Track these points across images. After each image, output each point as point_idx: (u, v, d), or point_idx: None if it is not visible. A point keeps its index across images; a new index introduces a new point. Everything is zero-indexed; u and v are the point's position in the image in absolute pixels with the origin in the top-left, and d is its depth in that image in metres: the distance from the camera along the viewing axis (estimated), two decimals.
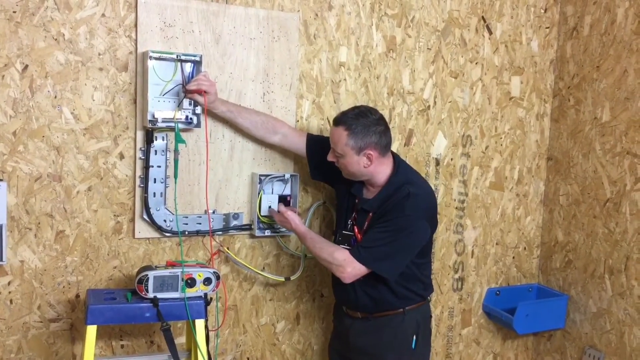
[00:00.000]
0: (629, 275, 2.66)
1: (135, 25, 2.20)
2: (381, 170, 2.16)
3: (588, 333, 2.87)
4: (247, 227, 2.45)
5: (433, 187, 2.80)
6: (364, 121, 2.09)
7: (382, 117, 2.15)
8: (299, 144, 2.36)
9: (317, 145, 2.35)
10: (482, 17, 2.83)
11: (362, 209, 2.20)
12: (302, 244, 2.33)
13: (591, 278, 2.85)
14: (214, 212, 2.39)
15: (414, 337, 2.24)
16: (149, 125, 2.17)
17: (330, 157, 2.19)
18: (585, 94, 2.88)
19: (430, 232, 2.19)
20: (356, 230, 2.22)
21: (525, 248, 3.11)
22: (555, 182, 3.05)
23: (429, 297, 2.34)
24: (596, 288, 2.82)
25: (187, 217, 2.34)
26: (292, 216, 2.28)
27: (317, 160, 2.35)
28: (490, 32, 2.86)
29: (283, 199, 2.44)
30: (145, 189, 2.25)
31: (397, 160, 2.22)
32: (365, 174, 2.16)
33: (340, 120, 2.12)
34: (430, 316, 2.40)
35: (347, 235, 2.25)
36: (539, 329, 3.03)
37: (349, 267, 2.09)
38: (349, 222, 2.26)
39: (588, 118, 2.86)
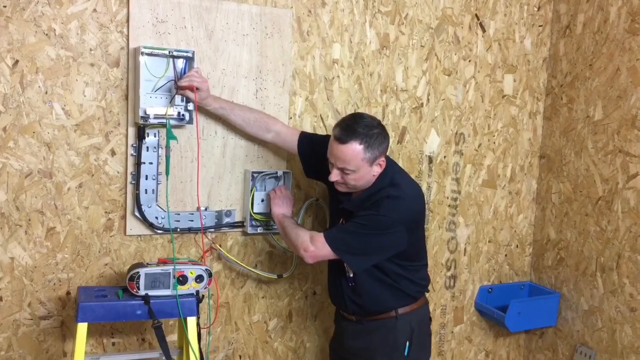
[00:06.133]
0: (620, 273, 2.67)
1: (127, 21, 2.18)
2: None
3: (580, 331, 2.88)
4: (240, 225, 2.44)
5: (426, 185, 2.81)
6: (374, 131, 2.01)
7: (378, 120, 2.10)
8: (292, 143, 2.34)
9: (310, 144, 2.33)
10: (476, 14, 2.83)
11: (346, 209, 2.15)
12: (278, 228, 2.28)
13: (583, 276, 2.86)
14: (206, 209, 2.38)
15: (407, 343, 2.18)
16: (141, 122, 2.16)
17: (334, 177, 2.06)
18: (577, 92, 2.88)
19: (409, 238, 2.08)
20: None
21: (517, 246, 3.12)
22: (547, 180, 3.05)
23: (426, 300, 2.29)
24: (588, 286, 2.83)
25: (179, 214, 2.33)
26: (273, 198, 2.29)
27: (309, 159, 2.34)
28: (484, 30, 2.86)
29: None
30: (136, 186, 2.23)
31: (387, 162, 2.14)
32: (370, 183, 2.09)
33: (351, 135, 1.99)
34: (430, 319, 2.33)
35: None
36: (531, 326, 3.04)
37: (313, 245, 2.06)
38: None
39: (580, 116, 2.87)
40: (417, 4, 2.69)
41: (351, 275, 2.17)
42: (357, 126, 2.00)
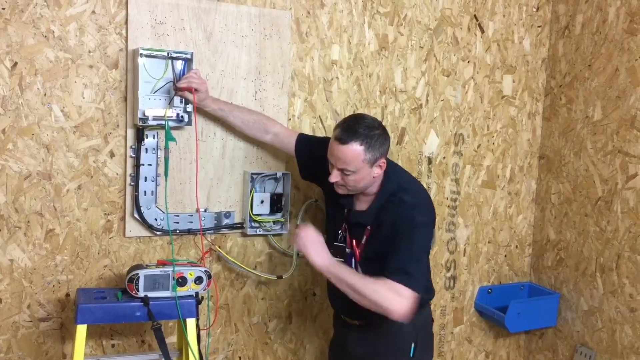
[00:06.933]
0: (620, 273, 2.67)
1: (126, 23, 2.18)
2: (377, 181, 2.07)
3: (579, 331, 2.88)
4: (239, 226, 2.44)
5: (425, 186, 2.80)
6: (375, 132, 1.98)
7: (379, 121, 2.06)
8: (290, 144, 2.32)
9: (307, 145, 2.30)
10: (475, 15, 2.83)
11: (358, 223, 2.09)
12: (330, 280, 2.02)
13: (582, 276, 2.86)
14: (205, 211, 2.38)
15: (413, 345, 2.15)
16: (140, 123, 2.16)
17: (334, 178, 2.02)
18: (576, 92, 2.88)
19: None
20: (354, 244, 2.11)
21: (517, 246, 3.12)
22: (547, 180, 3.05)
23: (429, 302, 2.26)
24: (587, 286, 2.83)
25: (178, 216, 2.33)
26: (304, 245, 1.99)
27: (306, 161, 2.31)
28: (483, 31, 2.86)
29: (275, 195, 2.44)
30: (135, 188, 2.23)
31: (388, 163, 2.11)
32: (370, 184, 2.05)
33: (352, 136, 1.95)
34: (432, 320, 2.31)
35: (340, 248, 2.15)
36: (530, 327, 3.03)
37: (405, 299, 1.88)
38: (339, 232, 2.16)
39: (580, 117, 2.87)
40: (415, 4, 2.69)
41: None
42: (358, 127, 1.98)
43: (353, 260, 2.13)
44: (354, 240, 2.12)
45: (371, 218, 2.07)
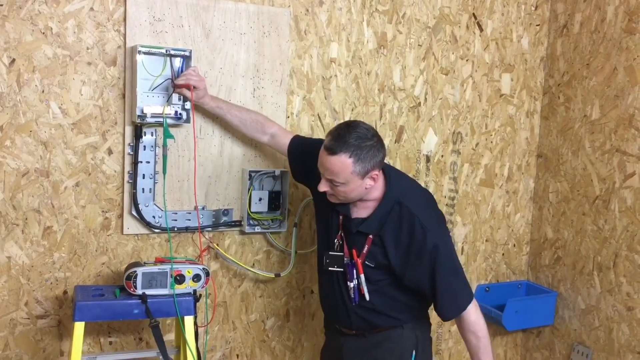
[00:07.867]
0: (617, 272, 2.68)
1: (124, 19, 2.18)
2: (377, 186, 2.00)
3: (577, 329, 2.89)
4: (237, 224, 2.44)
5: (423, 184, 2.81)
6: (367, 143, 1.89)
7: (375, 130, 1.96)
8: (285, 146, 2.27)
9: (299, 149, 2.25)
10: (473, 14, 2.83)
11: (359, 232, 2.02)
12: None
13: (580, 275, 2.86)
14: (203, 209, 2.38)
15: (414, 352, 2.08)
16: (138, 121, 2.16)
17: (324, 188, 1.96)
18: (575, 91, 2.88)
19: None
20: (354, 253, 2.03)
21: (514, 245, 3.12)
22: (544, 179, 3.06)
23: (429, 308, 2.20)
24: (585, 285, 2.84)
25: (176, 214, 2.33)
26: None
27: (297, 164, 2.27)
28: (481, 29, 2.86)
29: (274, 192, 2.43)
30: (134, 185, 2.23)
31: (387, 171, 2.05)
32: (363, 195, 1.98)
33: (341, 146, 1.87)
34: (430, 325, 2.25)
35: (337, 257, 2.07)
36: (528, 325, 3.04)
37: (480, 317, 2.04)
38: (335, 241, 2.09)
39: (578, 116, 2.87)
40: (414, 3, 2.69)
41: (365, 296, 2.06)
42: (348, 137, 1.88)
43: (355, 271, 2.04)
44: (353, 250, 2.04)
45: (374, 227, 2.00)
